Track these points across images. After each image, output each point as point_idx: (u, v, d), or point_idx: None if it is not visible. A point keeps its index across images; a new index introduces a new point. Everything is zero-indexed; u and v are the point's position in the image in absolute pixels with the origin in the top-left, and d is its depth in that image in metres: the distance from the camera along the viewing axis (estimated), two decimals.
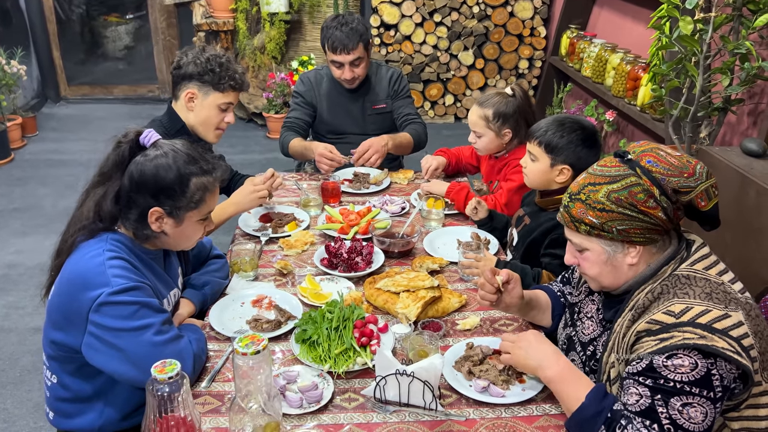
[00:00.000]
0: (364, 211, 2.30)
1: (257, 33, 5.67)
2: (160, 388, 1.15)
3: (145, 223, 1.49)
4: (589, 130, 1.90)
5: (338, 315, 1.60)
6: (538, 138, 1.91)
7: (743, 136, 2.92)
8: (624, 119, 4.26)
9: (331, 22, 2.69)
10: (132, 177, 1.46)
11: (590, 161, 1.89)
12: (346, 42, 2.63)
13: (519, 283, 1.63)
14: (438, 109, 5.74)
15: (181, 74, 2.14)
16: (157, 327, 1.42)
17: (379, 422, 1.38)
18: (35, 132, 5.35)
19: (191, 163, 1.50)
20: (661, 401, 1.20)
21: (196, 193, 1.50)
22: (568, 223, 1.38)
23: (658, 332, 1.24)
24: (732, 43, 2.34)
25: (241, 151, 5.02)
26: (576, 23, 4.84)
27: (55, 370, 1.53)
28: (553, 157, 1.89)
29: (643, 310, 1.31)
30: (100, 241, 1.47)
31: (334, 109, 2.90)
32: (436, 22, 5.44)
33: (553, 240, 1.91)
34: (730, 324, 1.20)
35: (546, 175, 1.93)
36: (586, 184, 1.35)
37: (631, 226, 1.30)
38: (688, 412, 1.18)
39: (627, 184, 1.29)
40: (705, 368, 1.18)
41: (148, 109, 5.79)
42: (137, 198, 1.47)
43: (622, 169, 1.32)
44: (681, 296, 1.26)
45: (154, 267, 1.58)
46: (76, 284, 1.41)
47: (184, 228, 1.54)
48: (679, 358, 1.19)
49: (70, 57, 6.16)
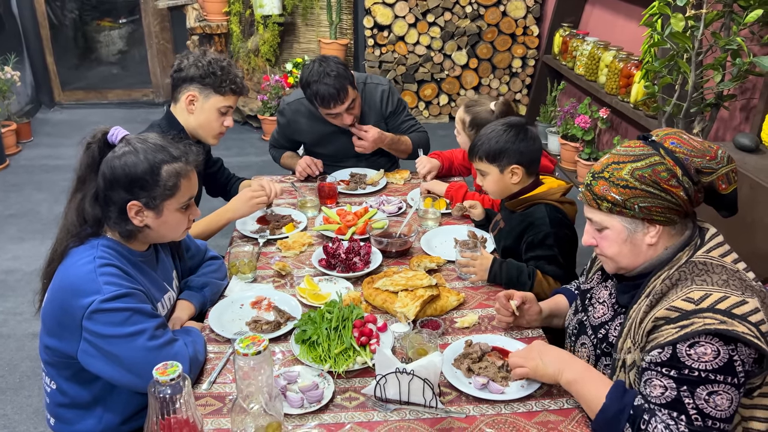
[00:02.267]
0: (361, 212, 2.31)
1: (251, 36, 5.67)
2: (162, 390, 1.16)
3: (127, 219, 1.48)
4: (517, 125, 1.93)
5: (337, 315, 1.61)
6: (477, 154, 1.95)
7: (736, 132, 2.94)
8: (618, 116, 4.28)
9: (309, 77, 2.47)
10: (104, 175, 1.46)
11: (533, 151, 1.93)
12: (336, 94, 2.44)
13: (535, 301, 1.66)
14: (432, 109, 5.76)
15: (182, 77, 2.14)
16: (151, 332, 1.42)
17: (380, 421, 1.39)
18: (30, 138, 5.34)
19: (160, 151, 1.50)
20: (687, 392, 1.22)
21: (170, 180, 1.49)
22: (590, 201, 1.39)
23: (677, 319, 1.25)
24: (723, 40, 2.36)
25: (236, 153, 5.02)
26: (568, 21, 4.87)
27: (53, 376, 1.53)
28: (498, 163, 1.93)
29: (660, 296, 1.32)
30: (91, 247, 1.47)
31: (322, 140, 2.76)
32: (429, 23, 5.45)
33: (529, 243, 1.93)
34: (748, 310, 1.22)
35: (501, 183, 1.97)
36: (609, 162, 1.37)
37: (654, 204, 1.32)
38: (714, 400, 1.20)
39: (651, 163, 1.32)
40: (727, 355, 1.20)
41: (143, 114, 5.78)
42: (113, 195, 1.47)
43: (646, 149, 1.34)
44: (699, 283, 1.28)
45: (146, 270, 1.58)
46: (68, 292, 1.41)
47: (166, 218, 1.53)
48: (701, 346, 1.21)
49: (63, 62, 6.15)
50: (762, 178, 2.12)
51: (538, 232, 1.90)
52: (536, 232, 1.91)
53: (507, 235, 2.03)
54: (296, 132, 2.79)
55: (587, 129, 4.24)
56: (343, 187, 2.60)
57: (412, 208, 2.33)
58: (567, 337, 1.63)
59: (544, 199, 1.93)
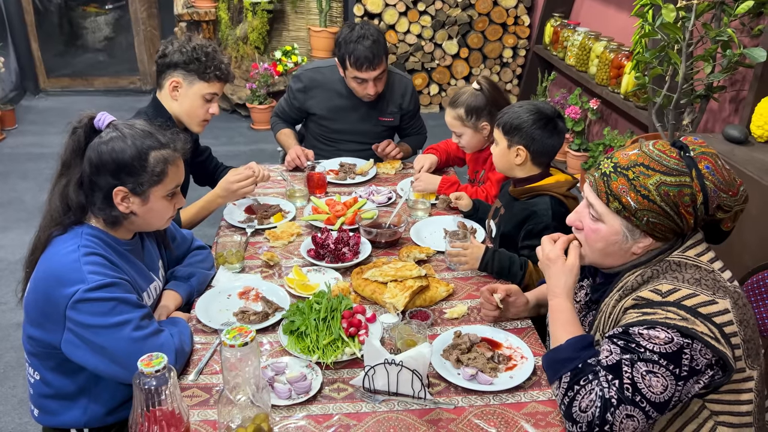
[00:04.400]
0: (351, 202, 2.29)
1: (239, 23, 5.61)
2: (147, 381, 1.14)
3: (112, 205, 1.46)
4: (545, 114, 1.92)
5: (326, 306, 1.60)
6: (497, 121, 1.97)
7: (725, 123, 2.95)
8: (608, 107, 4.28)
9: (349, 35, 2.50)
10: (91, 160, 1.44)
11: (546, 143, 1.92)
12: (372, 58, 2.47)
13: (520, 293, 1.65)
14: (423, 99, 5.73)
15: (166, 63, 2.11)
16: (136, 323, 1.40)
17: (368, 411, 1.38)
18: (14, 125, 5.26)
19: (148, 137, 1.48)
20: (628, 361, 1.23)
21: (157, 166, 1.48)
22: (601, 193, 1.32)
23: (642, 306, 1.26)
24: (714, 31, 2.36)
25: (225, 142, 4.97)
26: (559, 12, 4.85)
27: (37, 367, 1.51)
28: (509, 138, 1.94)
29: (630, 291, 1.32)
30: (75, 236, 1.45)
31: (335, 113, 2.76)
32: (420, 12, 5.41)
33: (528, 231, 1.93)
34: (716, 310, 1.22)
35: (506, 157, 1.97)
36: (639, 162, 1.29)
37: (662, 222, 1.28)
38: (649, 380, 1.21)
39: (680, 182, 1.26)
40: (678, 345, 1.20)
41: (130, 101, 5.71)
42: (99, 180, 1.45)
43: (680, 165, 1.27)
44: (670, 279, 1.27)
45: (131, 259, 1.56)
46: (52, 281, 1.39)
47: (152, 205, 1.51)
48: (656, 330, 1.22)
49: (48, 49, 6.05)
50: (750, 170, 2.13)
51: (539, 223, 1.90)
52: (537, 222, 1.90)
53: (507, 221, 2.01)
54: (309, 99, 2.77)
55: (577, 120, 4.24)
56: (332, 177, 2.58)
57: (402, 198, 2.32)
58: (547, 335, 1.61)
59: (550, 191, 1.93)
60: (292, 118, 2.90)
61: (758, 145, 2.36)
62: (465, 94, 2.31)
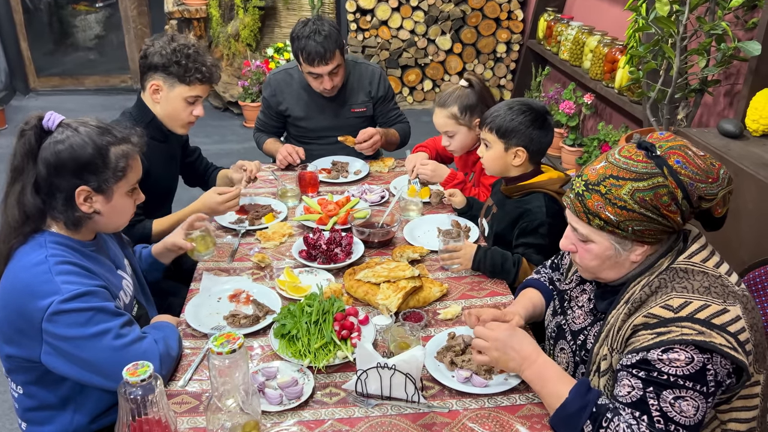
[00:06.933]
0: (343, 201, 2.27)
1: (231, 20, 5.56)
2: (132, 391, 1.12)
3: (74, 207, 1.42)
4: (538, 111, 1.90)
5: (318, 308, 1.57)
6: (488, 124, 1.92)
7: (720, 117, 2.93)
8: (602, 102, 4.26)
9: (301, 31, 2.49)
10: (48, 162, 1.39)
11: (543, 141, 1.90)
12: (323, 52, 2.45)
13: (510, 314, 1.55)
14: (417, 95, 5.70)
15: (147, 64, 2.05)
16: (116, 331, 1.37)
17: (361, 417, 1.36)
18: (4, 125, 5.21)
19: (104, 134, 1.44)
20: (653, 393, 1.18)
21: (119, 161, 1.44)
22: (579, 214, 1.29)
23: (655, 326, 1.21)
24: (708, 24, 2.33)
25: (217, 141, 4.94)
26: (553, 6, 4.82)
27: (18, 382, 1.48)
28: (506, 141, 1.90)
29: (639, 303, 1.27)
30: (39, 245, 1.40)
31: (308, 112, 2.75)
32: (412, 7, 5.38)
33: (522, 229, 1.90)
34: (729, 319, 1.18)
35: (502, 160, 1.94)
36: (608, 174, 1.25)
37: (649, 227, 1.24)
38: (680, 405, 1.17)
39: (653, 185, 1.21)
40: (701, 363, 1.16)
41: (121, 100, 5.66)
42: (59, 182, 1.40)
43: (649, 167, 1.22)
44: (679, 290, 1.23)
45: (99, 259, 1.51)
46: (23, 295, 1.34)
47: (116, 202, 1.47)
48: (675, 352, 1.17)
49: (38, 48, 6.00)
50: (746, 164, 2.11)
51: (533, 220, 1.87)
52: (531, 220, 1.88)
53: (500, 220, 1.99)
54: (281, 103, 2.75)
55: (572, 115, 4.22)
56: (324, 176, 2.55)
57: (395, 197, 2.29)
58: (546, 340, 1.58)
59: (543, 189, 1.90)
60: (274, 127, 2.86)
61: (753, 139, 2.34)
62: (456, 92, 2.28)
